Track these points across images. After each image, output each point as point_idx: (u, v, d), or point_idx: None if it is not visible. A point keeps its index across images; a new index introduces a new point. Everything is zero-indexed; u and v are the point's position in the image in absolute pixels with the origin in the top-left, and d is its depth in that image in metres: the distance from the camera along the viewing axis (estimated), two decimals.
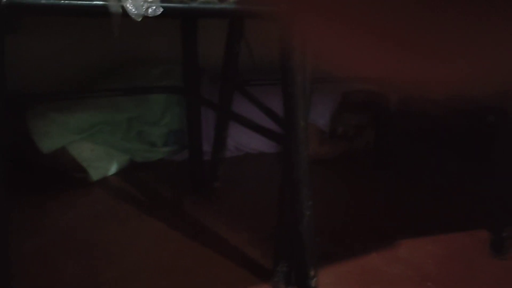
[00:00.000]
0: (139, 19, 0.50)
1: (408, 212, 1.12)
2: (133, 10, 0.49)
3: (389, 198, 1.20)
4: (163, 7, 0.52)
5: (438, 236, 0.99)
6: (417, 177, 1.32)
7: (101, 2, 0.53)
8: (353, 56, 0.21)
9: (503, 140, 0.90)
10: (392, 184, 1.28)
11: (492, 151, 0.93)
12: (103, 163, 1.24)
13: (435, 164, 1.38)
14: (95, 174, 1.21)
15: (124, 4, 0.50)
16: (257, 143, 1.39)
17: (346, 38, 0.20)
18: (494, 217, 0.95)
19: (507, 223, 0.93)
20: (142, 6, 0.51)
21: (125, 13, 0.51)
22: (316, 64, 0.74)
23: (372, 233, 1.02)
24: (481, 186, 1.18)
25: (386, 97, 1.40)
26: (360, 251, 0.93)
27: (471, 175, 1.30)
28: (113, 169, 1.26)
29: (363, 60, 0.21)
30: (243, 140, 1.37)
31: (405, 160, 1.41)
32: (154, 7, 0.51)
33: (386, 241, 0.97)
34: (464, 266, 0.90)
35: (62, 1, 0.53)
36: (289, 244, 0.79)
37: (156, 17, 0.54)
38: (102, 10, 0.53)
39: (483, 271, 0.89)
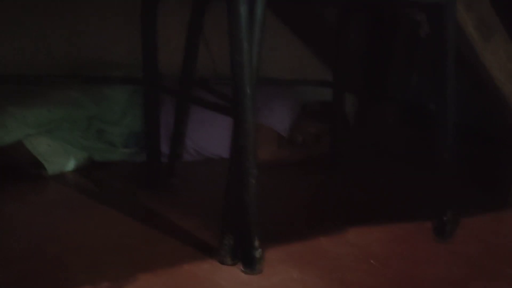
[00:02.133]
0: None
1: (358, 205, 1.16)
2: None
3: (341, 194, 1.24)
4: None
5: (385, 225, 1.02)
6: (367, 177, 1.38)
7: None
8: None
9: (442, 130, 0.95)
10: (344, 184, 1.33)
11: (431, 143, 0.98)
12: (60, 158, 1.23)
13: (383, 167, 1.46)
14: (50, 169, 1.20)
15: None
16: (217, 148, 1.40)
17: None
18: (435, 203, 0.98)
19: (447, 207, 0.96)
20: None
21: None
22: None
23: (322, 222, 1.04)
24: (425, 179, 1.22)
25: (342, 108, 1.46)
26: (309, 235, 0.94)
27: (416, 172, 1.40)
28: (70, 165, 1.25)
29: None
30: (204, 144, 1.38)
31: (357, 164, 1.47)
32: None
33: (335, 227, 0.99)
34: (407, 248, 0.92)
35: None
36: (235, 216, 0.80)
37: None
38: None
39: (425, 251, 0.91)
